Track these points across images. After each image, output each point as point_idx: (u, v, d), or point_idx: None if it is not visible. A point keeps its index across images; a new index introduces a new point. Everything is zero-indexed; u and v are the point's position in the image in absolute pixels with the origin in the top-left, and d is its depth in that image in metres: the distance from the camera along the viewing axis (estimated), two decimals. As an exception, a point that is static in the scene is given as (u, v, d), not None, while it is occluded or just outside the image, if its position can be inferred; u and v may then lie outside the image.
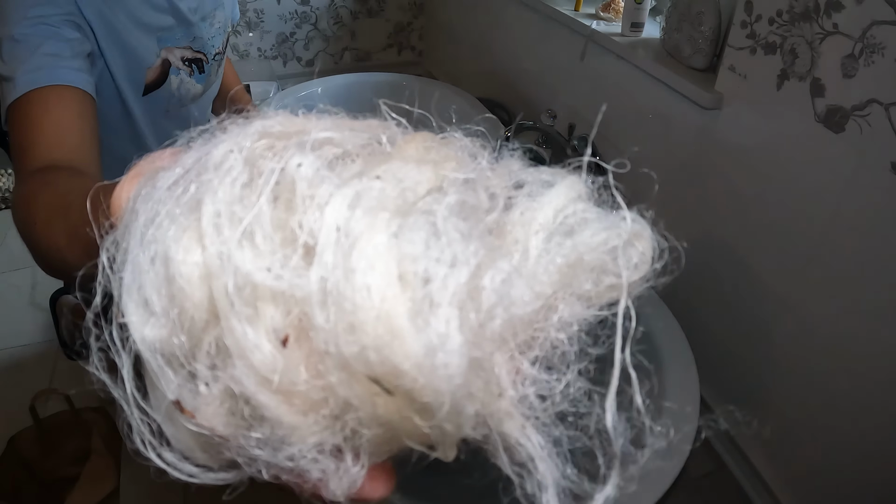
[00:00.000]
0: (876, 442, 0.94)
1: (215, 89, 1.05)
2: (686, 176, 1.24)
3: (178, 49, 0.88)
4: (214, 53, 0.96)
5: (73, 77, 0.64)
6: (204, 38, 0.92)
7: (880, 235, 0.86)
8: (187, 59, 0.90)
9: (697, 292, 1.28)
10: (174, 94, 0.90)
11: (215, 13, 0.94)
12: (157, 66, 0.86)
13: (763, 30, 0.99)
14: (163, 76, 0.87)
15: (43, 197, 0.49)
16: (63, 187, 0.50)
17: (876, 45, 0.80)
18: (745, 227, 1.12)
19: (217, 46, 0.97)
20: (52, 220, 0.46)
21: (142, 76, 0.85)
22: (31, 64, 0.62)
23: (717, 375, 1.28)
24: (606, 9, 1.47)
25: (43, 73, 0.61)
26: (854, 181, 0.88)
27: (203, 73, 0.95)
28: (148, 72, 0.85)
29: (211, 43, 0.95)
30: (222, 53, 1.00)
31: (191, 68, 0.92)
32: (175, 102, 0.92)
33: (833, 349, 0.98)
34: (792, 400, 1.09)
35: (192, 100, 0.95)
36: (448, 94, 1.85)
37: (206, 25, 0.92)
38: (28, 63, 0.62)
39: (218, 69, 1.01)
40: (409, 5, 2.83)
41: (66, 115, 0.61)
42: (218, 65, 1.00)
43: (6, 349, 1.57)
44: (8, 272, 1.84)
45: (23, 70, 0.61)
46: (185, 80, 0.91)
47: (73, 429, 1.24)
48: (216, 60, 0.98)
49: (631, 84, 1.35)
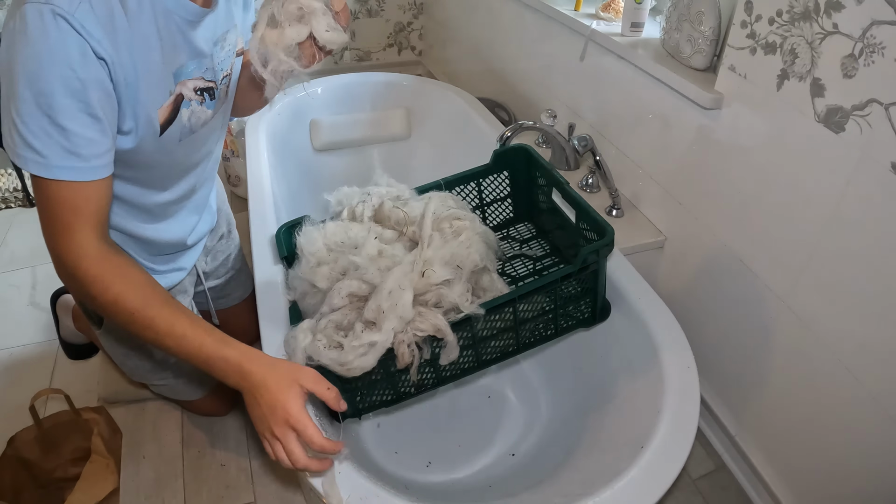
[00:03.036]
0: (876, 442, 0.94)
1: (228, 107, 1.02)
2: (686, 176, 1.24)
3: (190, 81, 0.85)
4: (222, 76, 0.93)
5: (106, 170, 0.76)
6: (214, 65, 0.89)
7: (880, 235, 0.86)
8: (199, 88, 0.87)
9: (697, 292, 1.28)
10: (185, 125, 0.88)
11: (227, 36, 0.91)
12: (170, 104, 0.83)
13: (763, 30, 0.99)
14: (174, 111, 0.85)
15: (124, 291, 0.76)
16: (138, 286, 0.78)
17: (876, 45, 0.80)
18: (745, 226, 1.12)
19: (225, 69, 0.93)
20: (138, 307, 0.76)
21: (156, 119, 0.82)
22: (70, 155, 0.72)
23: (717, 375, 1.28)
24: (606, 9, 1.47)
25: (83, 170, 0.73)
26: (854, 181, 0.88)
27: (214, 99, 0.92)
28: (159, 112, 0.82)
29: (220, 67, 0.91)
30: (230, 75, 0.96)
31: (202, 96, 0.89)
32: (186, 131, 0.89)
33: (833, 349, 0.98)
34: (792, 399, 1.09)
35: (202, 125, 0.92)
36: (448, 95, 1.85)
37: (216, 50, 0.89)
38: (65, 149, 0.71)
39: (228, 89, 0.97)
40: (409, 5, 2.84)
41: (103, 199, 0.77)
42: (227, 86, 0.97)
43: (6, 349, 1.57)
44: (8, 272, 1.84)
45: (60, 155, 0.71)
46: (195, 109, 0.89)
47: (73, 429, 1.24)
48: (223, 83, 0.95)
49: (631, 84, 1.35)
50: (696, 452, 1.31)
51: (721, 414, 1.29)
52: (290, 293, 1.00)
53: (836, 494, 1.03)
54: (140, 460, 1.30)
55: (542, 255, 1.13)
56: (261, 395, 0.74)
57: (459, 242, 0.91)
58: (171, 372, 1.23)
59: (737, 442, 1.24)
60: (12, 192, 2.13)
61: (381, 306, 0.81)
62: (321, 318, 0.87)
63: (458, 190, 1.12)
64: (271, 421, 0.73)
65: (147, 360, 1.19)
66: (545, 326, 0.96)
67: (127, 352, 1.18)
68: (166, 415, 1.39)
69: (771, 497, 1.17)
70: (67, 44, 0.66)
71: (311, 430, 0.73)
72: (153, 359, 1.19)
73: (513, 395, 1.28)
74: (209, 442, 1.34)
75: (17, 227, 2.04)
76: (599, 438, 0.97)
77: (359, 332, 0.81)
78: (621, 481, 0.77)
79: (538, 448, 1.15)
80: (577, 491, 0.79)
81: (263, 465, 1.29)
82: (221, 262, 1.32)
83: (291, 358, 0.85)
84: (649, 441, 0.81)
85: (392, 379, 0.89)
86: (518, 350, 0.96)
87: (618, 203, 1.38)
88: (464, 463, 1.15)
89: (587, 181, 1.47)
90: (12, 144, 0.71)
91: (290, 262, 1.02)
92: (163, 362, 1.21)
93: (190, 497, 1.24)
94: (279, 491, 1.24)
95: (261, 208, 1.27)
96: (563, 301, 0.94)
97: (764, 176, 1.05)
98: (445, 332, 0.81)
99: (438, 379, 0.92)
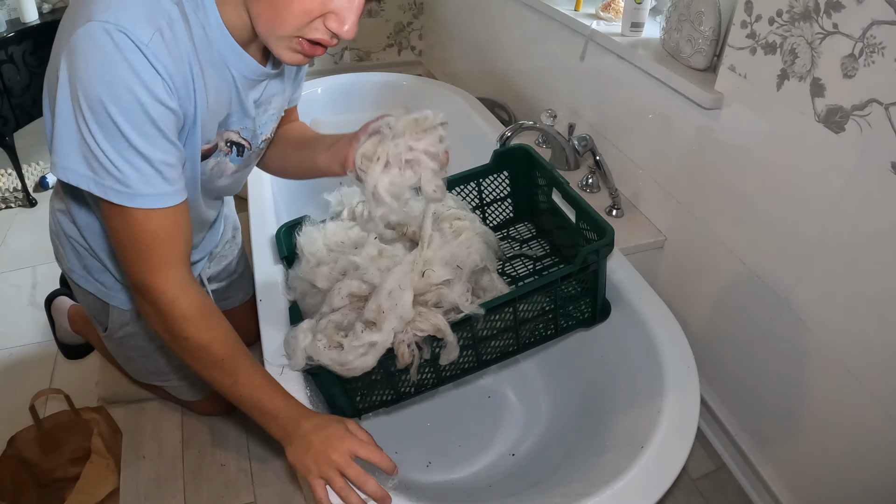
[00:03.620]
0: (876, 441, 0.94)
1: (250, 170, 0.98)
2: (686, 176, 1.24)
3: (227, 132, 0.82)
4: (261, 139, 0.90)
5: (182, 195, 0.73)
6: (255, 126, 0.86)
7: (880, 235, 0.86)
8: (232, 141, 0.85)
9: (697, 292, 1.28)
10: (205, 172, 0.85)
11: (272, 100, 0.88)
12: (205, 150, 0.81)
13: (763, 30, 0.99)
14: (204, 157, 0.82)
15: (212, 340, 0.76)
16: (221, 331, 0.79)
17: (876, 45, 0.80)
18: (745, 226, 1.12)
19: (266, 133, 0.91)
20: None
21: (199, 163, 0.81)
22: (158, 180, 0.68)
23: (717, 375, 1.28)
24: (606, 9, 1.47)
25: (169, 195, 0.70)
26: (854, 181, 0.88)
27: (241, 157, 0.89)
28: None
29: (260, 131, 0.88)
30: (270, 139, 0.94)
31: (230, 149, 0.86)
32: (205, 178, 0.87)
33: (833, 349, 0.98)
34: (792, 399, 1.09)
35: (221, 176, 0.90)
36: (448, 94, 1.85)
37: (259, 112, 0.86)
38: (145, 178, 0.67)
39: (258, 155, 0.94)
40: (409, 5, 2.84)
41: (183, 225, 0.74)
42: (259, 152, 0.93)
43: (6, 349, 1.57)
44: (8, 272, 1.84)
45: (141, 184, 0.67)
46: (221, 160, 0.86)
47: (73, 429, 1.24)
48: (261, 146, 0.92)
49: (631, 84, 1.35)
50: (696, 452, 1.31)
51: (721, 414, 1.29)
52: (290, 293, 1.00)
53: (836, 494, 1.03)
54: (140, 460, 1.30)
55: (542, 255, 1.13)
56: (314, 436, 0.76)
57: (459, 242, 0.91)
58: (174, 374, 1.23)
59: (737, 442, 1.24)
60: (12, 192, 2.13)
61: (381, 306, 0.81)
62: (321, 318, 0.87)
63: (458, 190, 1.12)
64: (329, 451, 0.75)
65: (151, 364, 1.20)
66: (545, 326, 0.96)
67: (131, 356, 1.18)
68: (166, 415, 1.39)
69: (771, 497, 1.17)
70: (142, 69, 0.62)
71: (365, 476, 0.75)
72: (157, 363, 1.20)
73: (513, 395, 1.28)
74: (209, 442, 1.34)
75: (17, 227, 2.04)
76: (599, 438, 0.97)
77: (359, 332, 0.81)
78: (621, 481, 0.77)
79: (538, 448, 1.14)
80: (577, 491, 0.79)
81: (263, 465, 1.29)
82: (224, 267, 1.32)
83: (291, 358, 0.85)
84: (649, 441, 0.81)
85: (392, 379, 0.88)
86: (518, 350, 0.96)
87: (618, 203, 1.38)
88: (464, 463, 1.15)
89: (587, 181, 1.47)
90: (88, 173, 0.66)
91: (290, 262, 1.02)
92: (167, 365, 1.21)
93: (190, 497, 1.24)
94: (279, 491, 1.24)
95: (261, 208, 1.27)
96: (563, 301, 0.94)
97: (764, 176, 1.05)
98: (445, 332, 0.81)
99: (438, 379, 0.92)
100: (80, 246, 1.00)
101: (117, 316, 1.09)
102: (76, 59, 0.61)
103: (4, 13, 2.09)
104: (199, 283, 1.10)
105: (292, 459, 0.77)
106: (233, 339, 0.79)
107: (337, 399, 0.90)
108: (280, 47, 0.69)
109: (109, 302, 1.07)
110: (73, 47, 0.62)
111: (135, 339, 1.13)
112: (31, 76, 2.11)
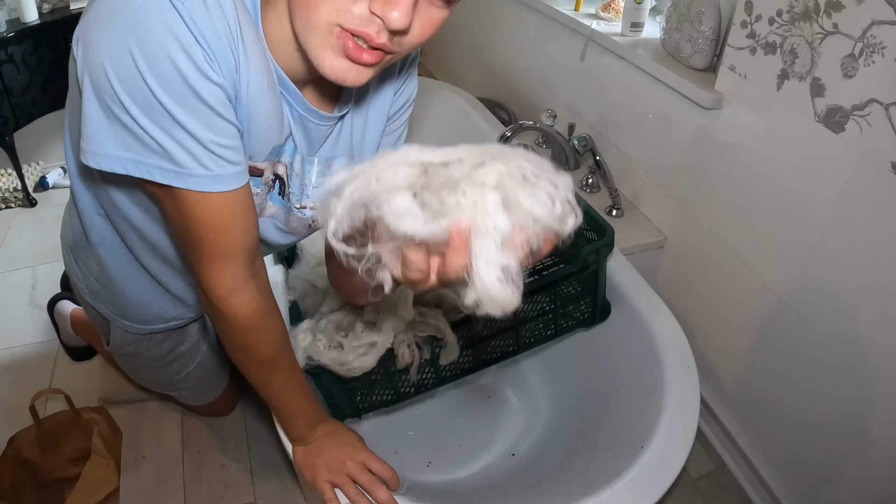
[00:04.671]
0: (876, 442, 0.94)
1: (291, 237, 0.83)
2: (686, 176, 1.24)
3: (277, 163, 0.71)
4: (308, 207, 0.78)
5: (243, 177, 0.62)
6: (304, 181, 0.75)
7: (880, 235, 0.86)
8: (278, 175, 0.72)
9: (697, 292, 1.28)
10: None
11: (332, 163, 0.76)
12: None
13: (763, 30, 0.99)
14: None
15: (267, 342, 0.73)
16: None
17: (876, 45, 0.80)
18: (745, 226, 1.12)
19: (314, 200, 0.78)
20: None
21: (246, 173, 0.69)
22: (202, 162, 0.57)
23: (717, 375, 1.28)
24: (606, 9, 1.47)
25: (221, 180, 0.59)
26: (854, 181, 0.88)
27: (282, 197, 0.75)
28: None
29: (306, 191, 0.76)
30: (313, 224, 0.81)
31: (273, 184, 0.73)
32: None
33: (832, 349, 0.98)
34: (792, 399, 1.09)
35: (259, 212, 0.75)
36: (448, 94, 1.85)
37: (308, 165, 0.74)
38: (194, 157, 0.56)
39: (303, 226, 0.80)
40: (409, 5, 2.83)
41: (242, 214, 0.64)
42: (302, 223, 0.79)
43: (6, 349, 1.57)
44: (8, 272, 1.84)
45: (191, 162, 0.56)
46: (260, 192, 0.72)
47: (73, 429, 1.24)
48: (303, 217, 0.78)
49: (631, 84, 1.35)
50: (696, 452, 1.31)
51: (721, 414, 1.29)
52: (290, 293, 1.00)
53: (837, 494, 1.03)
54: (140, 460, 1.30)
55: (542, 255, 1.13)
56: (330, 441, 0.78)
57: (459, 242, 0.90)
58: (177, 387, 1.20)
59: (737, 442, 1.24)
60: (12, 192, 2.13)
61: (381, 306, 0.81)
62: (321, 318, 0.87)
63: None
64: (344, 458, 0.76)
65: (153, 377, 1.16)
66: (545, 326, 0.96)
67: (133, 368, 1.14)
68: (166, 415, 1.39)
69: (771, 497, 1.17)
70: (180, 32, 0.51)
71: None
72: (160, 377, 1.15)
73: (513, 395, 1.28)
74: (209, 442, 1.34)
75: (17, 227, 2.04)
76: (599, 438, 0.97)
77: (359, 333, 0.81)
78: (621, 481, 0.77)
79: (538, 448, 1.14)
80: (577, 491, 0.79)
81: (263, 465, 1.29)
82: None
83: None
84: (649, 441, 0.81)
85: (392, 379, 0.89)
86: (518, 350, 0.96)
87: (618, 203, 1.38)
88: (464, 463, 1.15)
89: (587, 181, 1.47)
90: (124, 154, 0.55)
91: (290, 262, 1.02)
92: (169, 379, 1.16)
93: (190, 497, 1.23)
94: (279, 491, 1.24)
95: (261, 208, 1.26)
96: (563, 301, 0.94)
97: (764, 176, 1.05)
98: (445, 332, 0.82)
99: (438, 379, 0.92)
100: (91, 275, 0.93)
101: (119, 336, 1.04)
102: (100, 23, 0.51)
103: (4, 13, 2.09)
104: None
105: (302, 460, 0.77)
106: (280, 340, 0.75)
107: (337, 399, 0.90)
108: (320, 47, 0.55)
109: (112, 322, 1.01)
110: (96, 10, 0.52)
111: (137, 358, 1.09)
112: (31, 76, 2.11)
